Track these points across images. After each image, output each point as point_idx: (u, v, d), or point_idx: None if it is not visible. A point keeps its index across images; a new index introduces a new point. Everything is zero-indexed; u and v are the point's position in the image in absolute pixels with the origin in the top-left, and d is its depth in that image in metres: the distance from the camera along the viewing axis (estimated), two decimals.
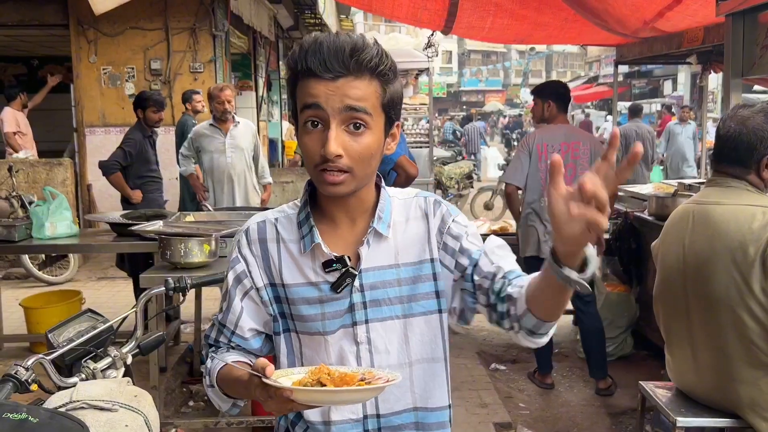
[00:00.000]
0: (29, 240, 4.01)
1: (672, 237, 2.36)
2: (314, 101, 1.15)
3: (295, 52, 1.18)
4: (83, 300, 4.66)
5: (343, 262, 1.23)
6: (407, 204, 1.33)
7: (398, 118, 1.26)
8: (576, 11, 4.18)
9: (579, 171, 4.02)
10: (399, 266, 1.28)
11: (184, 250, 3.14)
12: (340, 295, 1.25)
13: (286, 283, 1.27)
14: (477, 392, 4.17)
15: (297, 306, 1.27)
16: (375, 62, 1.16)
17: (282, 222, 1.31)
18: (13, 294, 6.33)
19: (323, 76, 1.14)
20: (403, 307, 1.28)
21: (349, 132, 1.16)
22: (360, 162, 1.17)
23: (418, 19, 4.73)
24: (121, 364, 2.03)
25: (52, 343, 1.98)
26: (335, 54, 1.13)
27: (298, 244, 1.28)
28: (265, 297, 1.29)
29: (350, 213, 1.27)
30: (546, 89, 4.20)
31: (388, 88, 1.20)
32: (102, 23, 7.59)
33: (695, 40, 4.17)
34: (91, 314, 2.11)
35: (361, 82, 1.16)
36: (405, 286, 1.28)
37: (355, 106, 1.14)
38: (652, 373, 4.42)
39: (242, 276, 1.30)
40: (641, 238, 4.83)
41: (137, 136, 5.04)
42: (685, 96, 24.22)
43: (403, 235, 1.30)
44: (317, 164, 1.17)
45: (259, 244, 1.30)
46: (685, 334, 2.29)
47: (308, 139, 1.18)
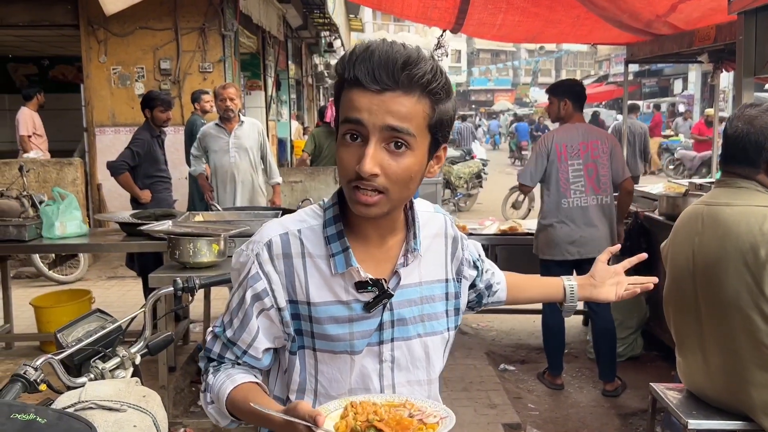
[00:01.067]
0: (39, 239, 4.03)
1: (681, 238, 2.33)
2: (355, 116, 1.08)
3: (345, 58, 1.11)
4: (93, 299, 4.68)
5: (380, 286, 1.19)
6: (431, 219, 1.32)
7: (446, 140, 1.18)
8: (588, 8, 4.15)
9: (600, 170, 3.99)
10: (422, 284, 1.27)
11: (193, 250, 3.15)
12: (371, 314, 1.21)
13: (313, 301, 1.20)
14: (486, 393, 4.15)
15: (323, 325, 1.20)
16: (427, 79, 1.07)
17: (307, 235, 1.22)
18: (24, 293, 6.36)
19: (369, 87, 1.06)
20: (424, 326, 1.27)
21: (389, 150, 1.09)
22: (397, 184, 1.10)
23: (428, 17, 4.70)
24: (130, 364, 2.04)
25: (61, 343, 1.99)
26: (385, 65, 1.05)
27: (327, 261, 1.20)
28: (286, 317, 1.21)
29: (381, 230, 1.22)
30: (561, 87, 4.15)
31: (438, 108, 1.11)
32: (112, 23, 7.62)
33: (707, 38, 4.12)
34: (100, 314, 2.11)
35: (409, 99, 1.07)
36: (426, 305, 1.28)
37: (397, 126, 1.07)
38: (662, 374, 4.39)
39: (263, 294, 1.20)
40: (652, 238, 4.79)
41: (145, 136, 5.04)
42: (695, 95, 24.08)
43: (427, 252, 1.29)
44: (351, 180, 1.10)
45: (283, 259, 1.20)
46: (695, 336, 2.27)
47: (345, 152, 1.11)
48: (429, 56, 1.10)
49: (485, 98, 49.03)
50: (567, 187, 4.02)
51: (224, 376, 1.23)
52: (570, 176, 4.01)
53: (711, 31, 4.07)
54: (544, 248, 4.14)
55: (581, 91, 4.14)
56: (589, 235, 4.01)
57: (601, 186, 4.02)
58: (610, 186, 4.05)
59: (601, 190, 4.02)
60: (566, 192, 4.02)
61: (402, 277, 1.23)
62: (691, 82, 25.18)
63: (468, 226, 5.04)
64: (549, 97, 4.17)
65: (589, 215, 4.01)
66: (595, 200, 4.02)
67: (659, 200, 4.69)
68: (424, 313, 1.27)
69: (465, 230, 4.95)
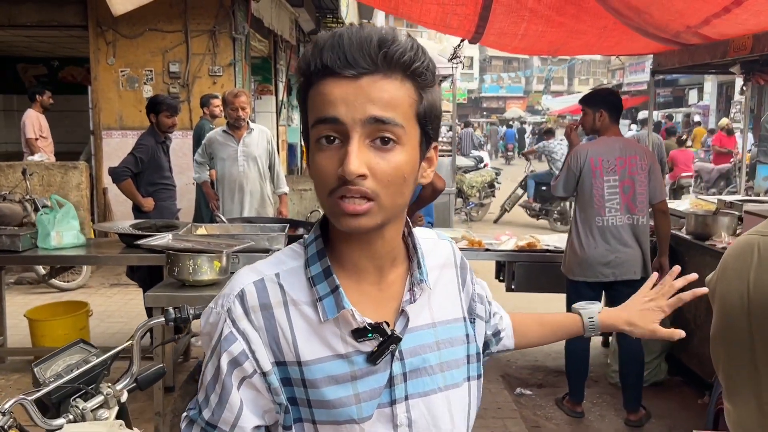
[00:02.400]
0: (34, 250, 3.84)
1: (733, 272, 2.09)
2: (330, 114, 0.88)
3: (308, 50, 0.91)
4: (90, 312, 4.48)
5: (381, 332, 0.95)
6: (435, 247, 1.10)
7: (436, 137, 0.98)
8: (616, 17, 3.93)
9: (638, 188, 3.75)
10: (435, 325, 1.03)
11: (193, 267, 2.94)
12: (378, 366, 0.97)
13: (305, 359, 0.95)
14: (502, 420, 3.92)
15: (320, 389, 0.96)
16: (409, 56, 0.89)
17: (287, 279, 0.99)
18: (24, 300, 6.20)
19: (343, 72, 0.87)
20: (444, 377, 1.03)
21: (375, 148, 0.89)
22: (388, 186, 0.89)
23: (447, 25, 4.48)
24: (115, 402, 1.83)
25: (37, 379, 1.78)
26: (359, 46, 0.87)
27: (313, 307, 0.97)
28: (274, 383, 0.96)
29: (377, 260, 0.99)
30: (597, 98, 3.88)
31: (425, 95, 0.92)
32: (121, 25, 7.48)
33: (743, 48, 3.89)
34: (83, 345, 1.90)
35: (391, 82, 0.89)
36: (444, 350, 1.04)
37: (382, 117, 0.87)
38: (688, 402, 4.17)
39: (241, 358, 0.95)
40: (678, 257, 4.55)
41: (149, 142, 4.86)
42: (711, 105, 23.75)
43: (436, 286, 1.06)
44: (333, 189, 0.89)
45: (261, 312, 0.96)
46: (749, 383, 2.03)
47: (321, 157, 0.90)
48: (406, 35, 0.91)
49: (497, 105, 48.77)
50: (602, 204, 3.77)
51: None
52: (605, 193, 3.76)
53: (747, 41, 3.83)
54: (575, 269, 3.90)
55: (618, 102, 3.87)
56: (624, 255, 3.77)
57: (637, 205, 3.77)
58: (646, 206, 3.81)
59: (637, 209, 3.77)
60: (600, 210, 3.77)
61: (410, 317, 1.00)
62: (707, 93, 24.83)
63: (484, 241, 4.81)
64: (583, 108, 3.90)
65: (624, 235, 3.77)
66: (630, 219, 3.78)
67: (687, 218, 4.45)
68: (443, 360, 1.03)
69: (481, 245, 4.73)
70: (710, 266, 4.08)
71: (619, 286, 3.86)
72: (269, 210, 5.28)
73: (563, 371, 4.58)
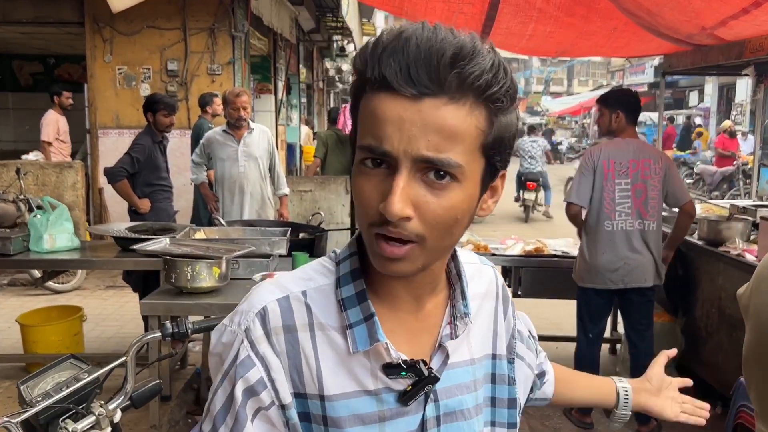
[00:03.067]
0: (26, 253, 3.71)
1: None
2: (377, 145, 0.74)
3: (367, 49, 0.76)
4: (84, 317, 4.35)
5: (417, 372, 0.83)
6: (478, 274, 0.97)
7: (505, 165, 0.83)
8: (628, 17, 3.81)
9: (650, 192, 3.63)
10: (474, 362, 0.91)
11: (191, 274, 2.81)
12: (410, 408, 0.85)
13: (329, 394, 0.83)
14: None
15: (343, 429, 0.83)
16: (486, 79, 0.73)
17: (314, 298, 0.86)
18: (18, 302, 6.07)
19: (402, 90, 0.72)
20: (479, 421, 0.90)
21: (427, 183, 0.75)
22: (436, 229, 0.76)
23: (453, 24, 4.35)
24: (107, 423, 1.70)
25: (24, 398, 1.66)
26: (427, 59, 0.71)
27: (343, 334, 0.84)
28: (293, 417, 0.83)
29: (416, 290, 0.87)
30: (614, 98, 3.74)
31: (498, 121, 0.77)
32: (118, 22, 7.35)
33: (759, 49, 3.77)
34: (73, 361, 1.78)
35: (458, 109, 0.73)
36: (482, 390, 0.92)
37: (436, 160, 0.73)
38: None
39: (259, 387, 0.82)
40: (689, 264, 4.44)
41: (146, 141, 4.73)
42: (712, 107, 23.67)
43: (479, 315, 0.93)
44: (373, 223, 0.76)
45: (284, 335, 0.83)
46: None
47: (364, 182, 0.77)
48: (489, 47, 0.76)
49: None
50: (612, 208, 3.65)
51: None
52: (616, 196, 3.64)
53: (765, 42, 3.72)
54: (584, 275, 3.78)
55: (636, 103, 3.73)
56: (634, 262, 3.66)
57: (648, 210, 3.65)
58: (658, 211, 3.68)
59: (649, 214, 3.66)
60: (611, 214, 3.66)
61: (450, 353, 0.87)
62: (708, 95, 24.76)
63: (490, 246, 4.69)
64: (600, 108, 3.77)
65: (633, 241, 3.66)
66: (641, 225, 3.66)
67: (699, 223, 4.33)
68: (480, 402, 0.91)
69: (487, 250, 4.61)
70: (723, 273, 3.99)
71: (630, 294, 3.75)
72: (270, 212, 5.16)
73: None
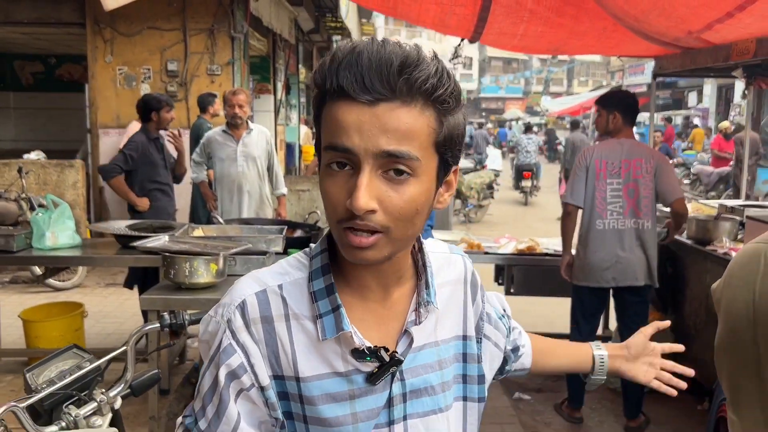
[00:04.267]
0: (29, 250, 3.79)
1: (739, 281, 2.05)
2: (342, 143, 0.84)
3: (324, 64, 0.86)
4: (86, 313, 4.43)
5: (379, 358, 0.93)
6: (443, 261, 1.07)
7: (457, 161, 0.93)
8: (616, 21, 3.89)
9: (642, 191, 3.70)
10: (438, 344, 1.01)
11: (189, 270, 2.90)
12: (377, 387, 0.95)
13: (303, 375, 0.93)
14: (500, 426, 3.89)
15: (317, 406, 0.94)
16: (432, 84, 0.83)
17: (289, 290, 0.96)
18: (19, 299, 6.15)
19: (358, 98, 0.82)
20: (446, 397, 1.00)
21: (387, 179, 0.85)
22: (400, 220, 0.86)
23: (446, 25, 4.45)
24: (108, 409, 1.79)
25: (29, 385, 1.74)
26: (378, 69, 0.81)
27: (314, 323, 0.94)
28: (271, 397, 0.94)
29: (383, 280, 0.96)
30: (612, 99, 3.82)
31: (447, 121, 0.87)
32: (119, 22, 7.43)
33: (745, 53, 3.85)
34: (76, 351, 1.86)
35: (410, 111, 0.83)
36: (448, 369, 1.01)
37: (396, 151, 0.83)
38: (688, 408, 4.14)
39: (240, 371, 0.93)
40: (679, 262, 4.53)
41: (140, 139, 4.80)
42: (710, 108, 23.75)
43: (446, 301, 1.03)
44: (341, 219, 0.86)
45: (261, 324, 0.94)
46: (755, 394, 1.99)
47: (331, 183, 0.86)
48: (432, 56, 0.86)
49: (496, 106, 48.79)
50: (603, 207, 3.73)
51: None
52: (608, 196, 3.72)
53: (751, 45, 3.80)
54: (578, 273, 3.85)
55: (633, 104, 3.81)
56: (626, 261, 3.71)
57: (642, 209, 3.71)
58: (652, 210, 3.74)
59: (642, 213, 3.71)
60: (602, 213, 3.73)
61: (414, 338, 0.97)
62: (706, 95, 24.84)
63: (484, 244, 4.77)
64: (598, 109, 3.85)
65: (626, 240, 3.72)
66: (635, 224, 3.72)
67: (688, 223, 4.41)
68: (445, 380, 1.00)
69: (480, 248, 4.69)
70: (711, 272, 4.08)
71: (624, 293, 3.82)
72: (268, 211, 5.24)
73: (562, 376, 4.54)
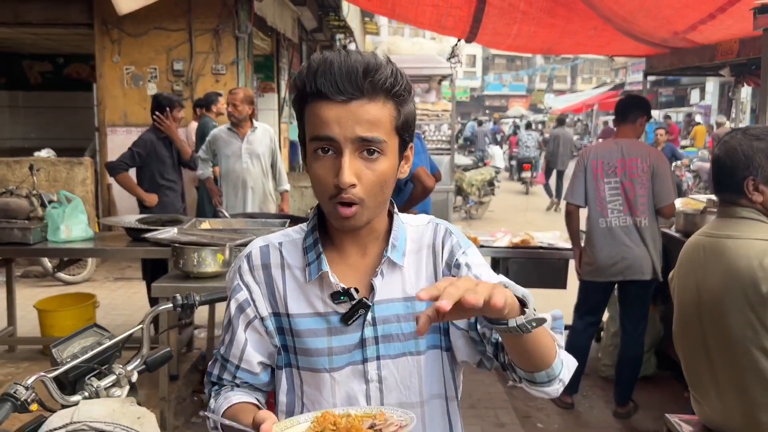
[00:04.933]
0: (44, 243, 3.99)
1: (686, 271, 2.22)
2: (325, 133, 1.07)
3: (303, 72, 1.10)
4: (97, 303, 4.63)
5: (349, 296, 1.16)
6: (420, 232, 1.26)
7: (412, 139, 1.19)
8: (606, 21, 4.06)
9: (638, 190, 3.81)
10: (410, 299, 1.20)
11: (197, 260, 3.08)
12: (351, 328, 1.17)
13: (291, 313, 1.19)
14: (494, 411, 4.06)
15: (302, 338, 1.18)
16: (390, 83, 1.08)
17: (287, 247, 1.23)
18: (31, 293, 6.34)
19: (334, 98, 1.06)
20: (417, 343, 1.20)
21: (363, 158, 1.09)
22: (372, 192, 1.10)
23: (442, 26, 4.62)
24: (126, 382, 1.97)
25: (55, 359, 1.92)
26: (347, 75, 1.05)
27: (303, 271, 1.20)
28: (270, 327, 1.21)
29: (361, 241, 1.20)
30: (618, 109, 4.02)
31: (403, 110, 1.12)
32: (126, 23, 7.60)
33: (729, 52, 4.02)
34: (96, 329, 2.04)
35: (375, 105, 1.08)
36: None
37: (368, 137, 1.08)
38: (676, 394, 4.29)
39: (245, 305, 1.21)
40: (668, 255, 4.67)
41: (149, 137, 4.95)
42: (713, 105, 23.85)
43: (416, 264, 1.22)
44: (332, 196, 1.10)
45: (262, 270, 1.22)
46: (707, 374, 2.16)
47: (319, 166, 1.10)
48: (386, 60, 1.11)
49: (499, 104, 48.84)
50: (604, 206, 3.86)
51: (222, 399, 1.22)
52: (606, 195, 3.85)
53: (734, 45, 3.96)
54: (586, 269, 4.00)
55: (622, 104, 4.00)
56: (631, 257, 3.83)
57: (639, 207, 3.82)
58: (648, 207, 3.83)
59: (639, 211, 3.82)
60: (603, 211, 3.86)
61: (379, 290, 1.17)
62: (709, 93, 24.94)
63: (480, 238, 4.94)
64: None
65: (629, 236, 3.83)
66: (633, 221, 3.84)
67: (676, 216, 4.57)
68: (414, 330, 1.17)
69: (476, 242, 4.86)
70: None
71: (630, 285, 3.93)
72: (271, 206, 5.41)
73: None
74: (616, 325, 4.61)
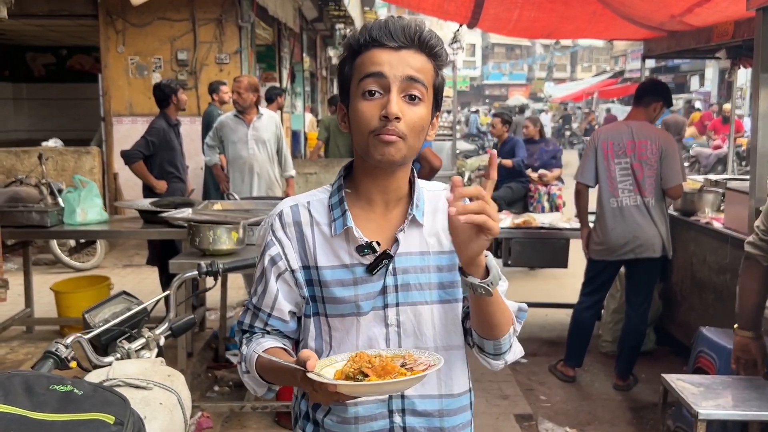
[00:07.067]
0: (60, 226, 4.11)
1: None
2: (377, 69, 1.20)
3: (356, 31, 1.24)
4: (111, 285, 4.76)
5: (372, 249, 1.26)
6: (436, 196, 1.37)
7: (439, 108, 1.30)
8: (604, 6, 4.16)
9: (646, 171, 3.89)
10: (429, 254, 1.31)
11: (213, 237, 3.20)
12: (374, 277, 1.27)
13: (320, 265, 1.28)
14: (498, 384, 4.19)
15: (330, 288, 1.28)
16: (434, 42, 1.23)
17: (314, 206, 1.33)
18: (42, 279, 6.46)
19: (388, 44, 1.20)
20: (431, 294, 1.31)
21: (406, 102, 1.21)
22: (413, 131, 1.22)
23: (445, 11, 4.72)
24: (155, 345, 2.09)
25: (88, 323, 2.05)
26: (401, 28, 1.21)
27: (329, 227, 1.30)
28: (300, 279, 1.30)
29: (387, 196, 1.30)
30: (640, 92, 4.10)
31: (440, 73, 1.26)
32: (130, 14, 7.69)
33: (725, 34, 4.12)
34: (125, 296, 2.17)
35: (421, 56, 1.22)
36: (434, 273, 1.31)
37: (416, 77, 1.20)
38: (675, 369, 4.39)
39: (277, 258, 1.31)
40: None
41: (161, 125, 5.07)
42: (712, 91, 23.88)
43: (433, 224, 1.33)
44: (374, 129, 1.20)
45: (293, 227, 1.31)
46: None
47: (366, 106, 1.21)
48: (428, 27, 1.25)
49: (499, 93, 48.81)
50: (614, 186, 3.95)
51: (255, 344, 1.31)
52: (617, 175, 3.94)
53: (729, 27, 4.06)
54: (596, 249, 4.08)
55: (640, 87, 4.10)
56: (643, 235, 3.92)
57: (646, 188, 3.91)
58: (656, 188, 3.92)
59: (647, 191, 3.91)
60: (614, 192, 3.96)
61: (402, 243, 1.28)
62: (708, 79, 24.97)
63: None
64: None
65: (640, 215, 3.92)
66: (642, 201, 3.93)
67: None
68: (432, 281, 1.30)
69: None
70: (694, 241, 4.37)
71: (640, 263, 4.02)
72: (277, 192, 5.52)
73: (557, 342, 4.84)
74: (616, 303, 4.74)
